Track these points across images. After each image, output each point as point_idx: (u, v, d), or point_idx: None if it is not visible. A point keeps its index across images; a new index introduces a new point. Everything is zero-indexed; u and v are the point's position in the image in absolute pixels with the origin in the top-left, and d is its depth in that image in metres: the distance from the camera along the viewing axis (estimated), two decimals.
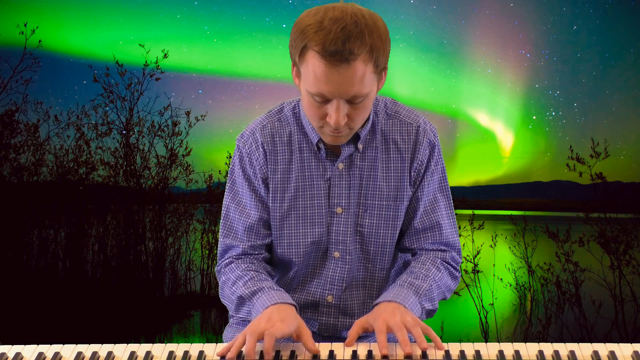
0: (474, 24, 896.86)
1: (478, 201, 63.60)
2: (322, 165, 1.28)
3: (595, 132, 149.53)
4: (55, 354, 1.04)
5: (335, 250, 1.29)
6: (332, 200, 1.28)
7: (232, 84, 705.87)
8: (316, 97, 1.11)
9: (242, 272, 1.24)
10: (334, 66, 1.05)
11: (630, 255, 4.19)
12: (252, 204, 1.30)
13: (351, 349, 1.04)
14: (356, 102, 1.11)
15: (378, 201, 1.27)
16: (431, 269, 1.24)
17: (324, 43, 1.03)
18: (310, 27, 1.05)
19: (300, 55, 1.09)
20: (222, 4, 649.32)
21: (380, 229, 1.28)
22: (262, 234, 1.31)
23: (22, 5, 55.14)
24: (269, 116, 1.32)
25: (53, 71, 63.80)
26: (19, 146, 5.95)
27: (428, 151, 1.29)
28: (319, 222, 1.28)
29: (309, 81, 1.09)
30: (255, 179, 1.29)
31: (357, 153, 1.27)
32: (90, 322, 4.29)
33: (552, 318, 4.13)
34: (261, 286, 1.19)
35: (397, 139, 1.28)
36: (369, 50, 1.06)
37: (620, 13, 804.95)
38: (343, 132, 1.17)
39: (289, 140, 1.29)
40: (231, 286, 1.24)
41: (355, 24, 1.04)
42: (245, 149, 1.30)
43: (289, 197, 1.28)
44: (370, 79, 1.10)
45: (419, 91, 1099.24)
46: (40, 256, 5.80)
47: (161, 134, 5.75)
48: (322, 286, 1.31)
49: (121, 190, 5.81)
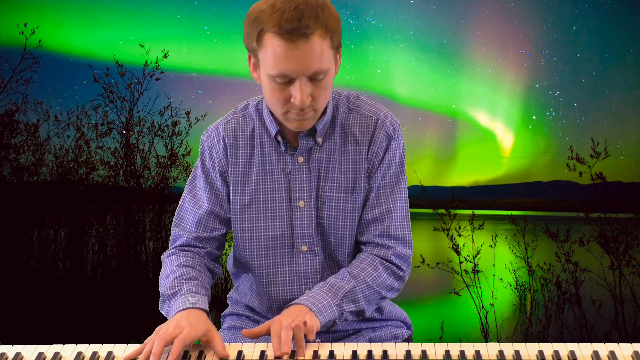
0: (474, 24, 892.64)
1: (478, 201, 63.45)
2: (283, 160, 1.29)
3: (595, 132, 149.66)
4: (55, 354, 1.04)
5: (302, 244, 1.30)
6: (293, 193, 1.29)
7: (232, 84, 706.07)
8: (278, 79, 1.13)
9: (175, 267, 1.26)
10: (292, 42, 1.07)
11: (630, 255, 4.19)
12: (205, 196, 1.32)
13: (351, 349, 1.04)
14: (318, 78, 1.13)
15: (336, 193, 1.29)
16: (366, 269, 1.25)
17: (280, 22, 1.06)
18: (264, 12, 1.09)
19: (257, 40, 1.11)
20: (222, 4, 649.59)
21: (339, 221, 1.29)
22: (211, 227, 1.32)
23: (22, 5, 55.18)
24: (234, 113, 1.35)
25: (53, 71, 63.84)
26: (19, 146, 5.96)
27: (385, 144, 1.29)
28: (280, 215, 1.29)
29: (270, 64, 1.11)
30: (213, 172, 1.32)
31: (317, 147, 1.28)
32: (90, 322, 4.29)
33: (552, 318, 4.14)
34: (181, 287, 1.20)
35: (356, 132, 1.29)
36: (324, 26, 1.09)
37: (620, 13, 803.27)
38: (308, 114, 1.18)
39: (252, 135, 1.31)
40: (164, 279, 1.26)
41: (307, 3, 1.08)
42: (207, 143, 1.33)
43: (249, 190, 1.30)
44: (329, 54, 1.13)
45: (419, 91, 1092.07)
46: (40, 256, 5.80)
47: (161, 134, 5.77)
48: (296, 282, 1.32)
49: (121, 190, 5.82)
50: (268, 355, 1.04)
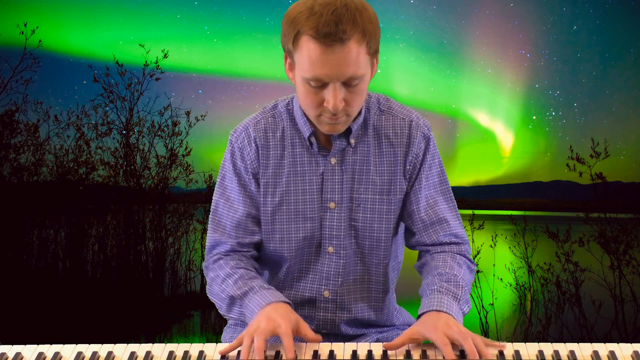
0: (474, 24, 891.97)
1: (478, 201, 63.55)
2: (315, 161, 1.28)
3: (595, 132, 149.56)
4: (55, 354, 1.04)
5: (329, 245, 1.29)
6: (325, 195, 1.28)
7: (232, 84, 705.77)
8: (312, 82, 1.11)
9: (231, 269, 1.24)
10: (328, 47, 1.06)
11: (630, 255, 4.19)
12: (240, 199, 1.30)
13: (351, 349, 1.04)
14: (352, 84, 1.12)
15: (371, 195, 1.27)
16: (455, 268, 1.22)
17: (317, 26, 1.05)
18: (302, 13, 1.07)
19: (293, 42, 1.10)
20: (222, 4, 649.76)
21: (375, 223, 1.28)
22: (250, 230, 1.30)
23: (22, 5, 55.19)
24: (263, 113, 1.33)
25: (53, 71, 63.87)
26: (19, 146, 5.95)
27: (423, 145, 1.29)
28: (311, 217, 1.28)
29: (305, 67, 1.10)
30: (246, 174, 1.30)
31: (350, 148, 1.27)
32: (90, 322, 4.29)
33: (552, 318, 4.14)
34: (252, 285, 1.18)
35: (390, 134, 1.28)
36: (362, 31, 1.07)
37: (620, 13, 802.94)
38: (341, 119, 1.17)
39: (282, 136, 1.29)
40: (220, 284, 1.23)
41: (346, 7, 1.06)
42: (238, 144, 1.31)
43: (280, 192, 1.28)
44: (365, 60, 1.11)
45: (419, 91, 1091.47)
46: (40, 256, 5.80)
47: (161, 134, 5.76)
48: (317, 281, 1.31)
49: (121, 190, 5.82)
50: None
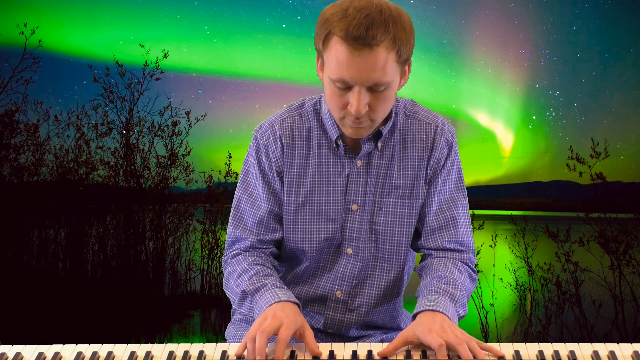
0: (474, 24, 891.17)
1: (478, 201, 63.58)
2: (340, 162, 1.28)
3: (595, 132, 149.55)
4: (55, 354, 1.04)
5: (349, 247, 1.29)
6: (349, 197, 1.28)
7: (232, 84, 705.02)
8: (337, 84, 1.11)
9: (248, 265, 1.24)
10: (356, 50, 1.05)
11: (630, 255, 4.19)
12: (264, 196, 1.30)
13: (351, 349, 1.04)
14: (378, 90, 1.11)
15: (393, 199, 1.28)
16: (454, 272, 1.22)
17: (348, 28, 1.05)
18: (335, 14, 1.07)
19: (324, 42, 1.10)
20: (222, 4, 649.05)
21: (395, 227, 1.28)
22: (272, 227, 1.30)
23: (22, 5, 55.16)
24: (289, 110, 1.32)
25: (53, 71, 63.86)
26: (19, 146, 5.95)
27: (446, 150, 1.29)
28: (333, 218, 1.28)
29: (332, 67, 1.10)
30: (270, 172, 1.29)
31: (376, 151, 1.27)
32: (90, 322, 4.29)
33: (552, 318, 4.14)
34: (265, 282, 1.18)
35: (415, 138, 1.28)
36: (392, 39, 1.07)
37: (620, 13, 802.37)
38: (364, 124, 1.16)
39: (308, 136, 1.29)
40: (236, 279, 1.24)
41: (380, 13, 1.06)
42: (263, 141, 1.30)
43: (304, 191, 1.28)
44: (393, 68, 1.10)
45: (419, 91, 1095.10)
46: (40, 256, 5.80)
47: (161, 134, 5.76)
48: (331, 281, 1.31)
49: (121, 190, 5.82)
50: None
